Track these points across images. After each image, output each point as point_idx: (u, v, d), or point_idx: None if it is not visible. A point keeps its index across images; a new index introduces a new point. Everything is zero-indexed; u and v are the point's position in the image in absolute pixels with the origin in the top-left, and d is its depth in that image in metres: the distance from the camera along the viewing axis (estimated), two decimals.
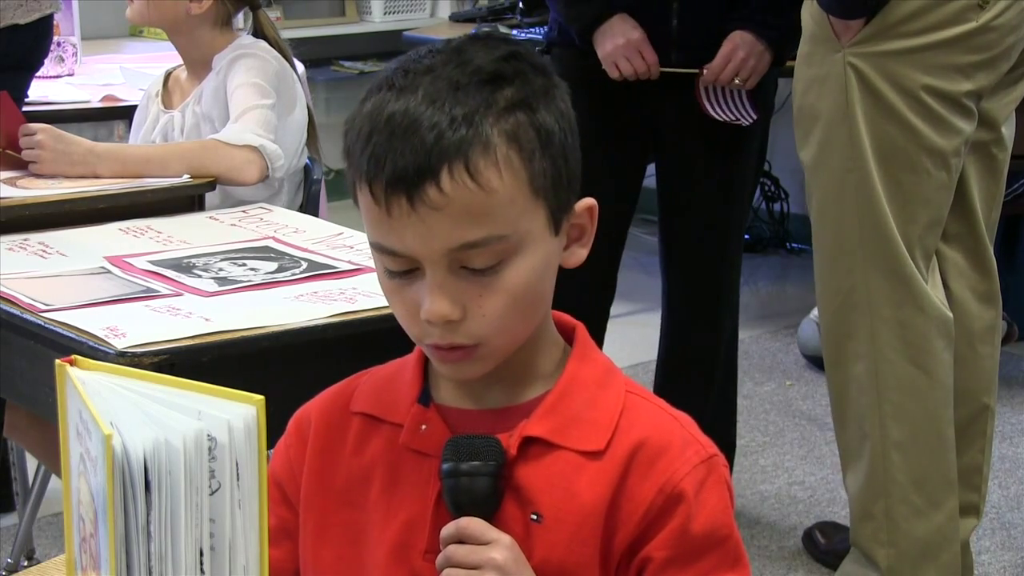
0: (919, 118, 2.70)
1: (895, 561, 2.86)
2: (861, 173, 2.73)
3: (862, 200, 2.75)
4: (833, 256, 2.83)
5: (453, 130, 1.23)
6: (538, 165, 1.26)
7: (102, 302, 2.15)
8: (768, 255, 5.68)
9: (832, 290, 2.85)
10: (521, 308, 1.28)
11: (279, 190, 2.91)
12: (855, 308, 2.81)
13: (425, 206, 1.22)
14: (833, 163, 2.77)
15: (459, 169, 1.22)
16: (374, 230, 1.27)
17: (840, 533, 3.30)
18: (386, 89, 1.27)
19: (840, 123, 2.73)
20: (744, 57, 3.11)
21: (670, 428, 1.33)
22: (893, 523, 2.85)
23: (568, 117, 1.31)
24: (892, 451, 2.83)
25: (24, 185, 2.70)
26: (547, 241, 1.29)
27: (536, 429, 1.31)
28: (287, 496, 1.39)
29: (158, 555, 1.00)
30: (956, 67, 2.68)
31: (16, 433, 2.90)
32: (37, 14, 3.27)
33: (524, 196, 1.26)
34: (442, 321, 1.26)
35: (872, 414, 2.83)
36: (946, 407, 2.86)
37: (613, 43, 3.13)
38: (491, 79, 1.26)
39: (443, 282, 1.25)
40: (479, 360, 1.29)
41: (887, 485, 2.84)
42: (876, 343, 2.80)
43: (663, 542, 1.28)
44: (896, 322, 2.79)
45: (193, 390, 1.03)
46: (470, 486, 1.28)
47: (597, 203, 1.35)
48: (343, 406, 1.39)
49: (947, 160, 2.74)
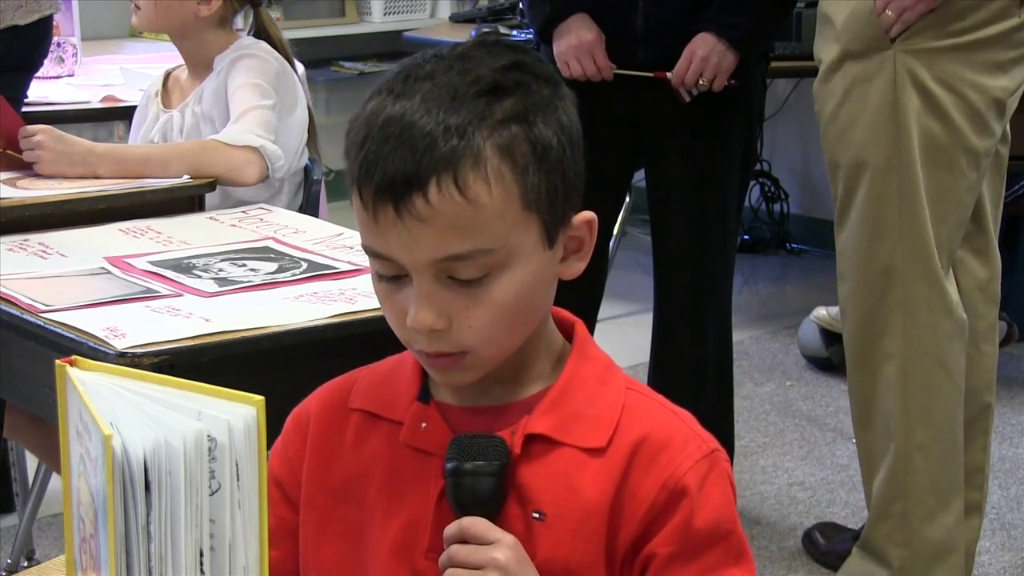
0: (963, 116, 2.72)
1: (907, 562, 2.88)
2: (906, 172, 2.74)
3: (904, 199, 2.75)
4: (868, 257, 2.83)
5: (445, 140, 1.22)
6: (531, 180, 1.25)
7: (102, 302, 2.15)
8: (768, 255, 5.68)
9: (865, 291, 2.85)
10: (509, 320, 1.28)
11: (279, 191, 2.91)
12: (891, 309, 2.81)
13: (411, 216, 1.22)
14: (876, 162, 2.76)
15: (447, 182, 1.22)
16: (364, 234, 1.27)
17: (840, 534, 3.31)
18: (386, 93, 1.27)
19: (886, 121, 2.73)
20: (704, 58, 3.11)
21: (671, 424, 1.33)
22: (909, 524, 2.87)
23: (569, 130, 1.29)
24: (915, 453, 2.84)
25: (24, 185, 2.70)
26: (539, 255, 1.28)
27: (539, 426, 1.31)
28: (287, 494, 1.39)
29: (158, 555, 1.00)
30: (997, 63, 2.71)
31: (16, 433, 2.90)
32: (37, 15, 3.27)
33: (514, 210, 1.25)
34: (427, 330, 1.26)
35: (898, 416, 2.85)
36: (960, 409, 2.88)
37: (567, 43, 3.15)
38: (490, 90, 1.25)
39: (429, 292, 1.25)
40: (468, 368, 1.29)
41: (907, 487, 2.86)
42: (909, 344, 2.81)
43: (667, 538, 1.28)
44: (929, 324, 2.80)
45: (193, 390, 1.03)
46: (473, 485, 1.27)
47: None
48: (341, 402, 1.39)
49: (979, 161, 2.77)
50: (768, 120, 5.57)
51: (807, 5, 4.56)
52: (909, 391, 2.83)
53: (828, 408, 4.18)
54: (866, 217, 2.81)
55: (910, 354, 2.81)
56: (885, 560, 2.90)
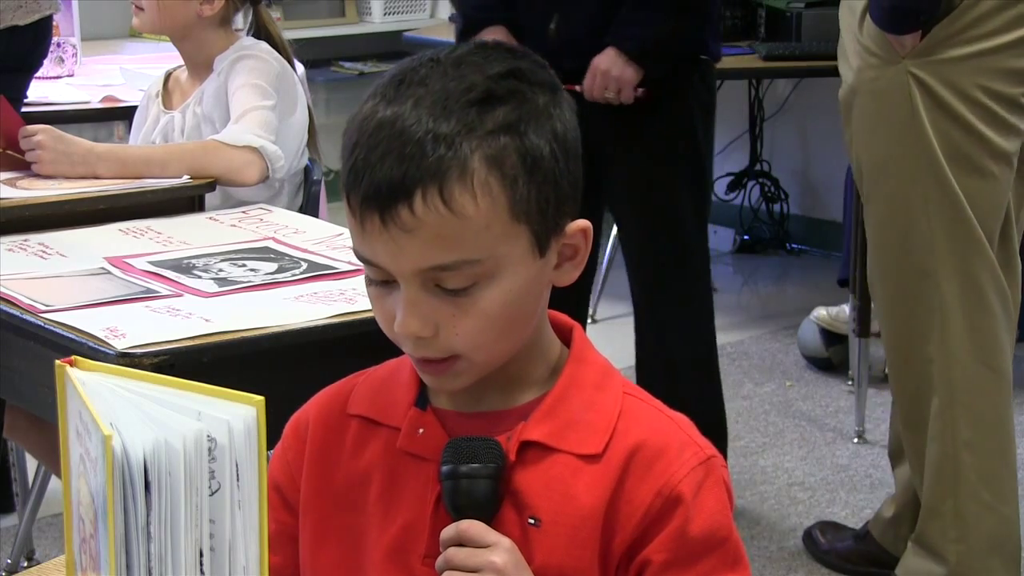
0: (981, 121, 2.75)
1: (964, 556, 2.90)
2: (936, 178, 2.76)
3: (936, 206, 2.78)
4: (901, 266, 2.85)
5: (432, 150, 1.21)
6: (521, 191, 1.24)
7: (102, 303, 2.15)
8: (768, 255, 5.68)
9: (901, 296, 2.87)
10: (498, 329, 1.27)
11: (279, 191, 2.91)
12: (930, 313, 2.84)
13: (396, 226, 1.22)
14: (901, 172, 2.80)
15: (432, 194, 1.21)
16: (353, 239, 1.28)
17: (840, 533, 3.31)
18: (379, 98, 1.26)
19: (907, 131, 2.77)
20: (606, 72, 3.15)
21: (667, 430, 1.32)
22: (963, 520, 2.89)
23: (564, 138, 1.28)
24: (962, 451, 2.87)
25: (24, 186, 2.70)
26: (529, 264, 1.27)
27: (534, 433, 1.30)
28: (287, 500, 1.39)
29: (158, 556, 1.00)
30: (1013, 71, 2.74)
31: (16, 434, 2.90)
32: (36, 15, 3.27)
33: (502, 221, 1.24)
34: (413, 337, 1.26)
35: (943, 417, 2.86)
36: (1010, 401, 2.91)
37: None
38: (482, 99, 1.24)
39: (415, 299, 1.25)
40: (459, 374, 1.29)
41: (956, 485, 2.88)
42: (949, 346, 2.84)
43: (662, 544, 1.28)
44: (966, 327, 2.83)
45: (193, 391, 1.03)
46: (469, 488, 1.27)
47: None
48: (340, 408, 1.38)
49: (1011, 160, 2.80)
50: (768, 120, 5.58)
51: (806, 5, 4.57)
52: (953, 391, 2.85)
53: (828, 408, 4.18)
54: (894, 225, 2.84)
55: (950, 357, 2.84)
56: (941, 556, 2.92)
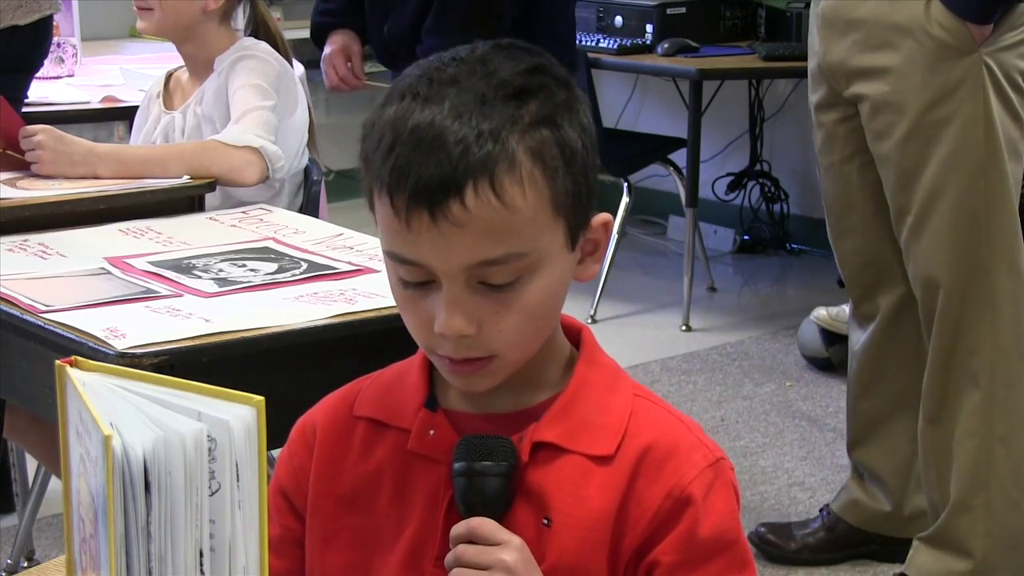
0: (1022, 107, 2.80)
1: (990, 552, 2.92)
2: (998, 171, 2.80)
3: (996, 198, 2.81)
4: (958, 259, 2.86)
5: (479, 145, 1.22)
6: (561, 183, 1.25)
7: (102, 303, 2.15)
8: (768, 256, 5.68)
9: (959, 289, 2.87)
10: (536, 323, 1.28)
11: (279, 191, 2.91)
12: (981, 304, 2.85)
13: (447, 222, 1.22)
14: (969, 165, 2.81)
15: (484, 186, 1.21)
16: (392, 241, 1.26)
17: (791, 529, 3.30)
18: (410, 98, 1.25)
19: (977, 124, 2.79)
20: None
21: (677, 432, 1.33)
22: (992, 515, 2.90)
23: (589, 132, 1.30)
24: (996, 445, 2.89)
25: (24, 186, 2.70)
26: (564, 257, 1.28)
27: (547, 434, 1.30)
28: (293, 505, 1.38)
29: (158, 556, 1.00)
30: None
31: (16, 434, 2.90)
32: (37, 15, 3.27)
33: (546, 214, 1.25)
34: (457, 336, 1.25)
35: (980, 409, 2.88)
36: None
37: (323, 53, 3.54)
38: (517, 93, 1.25)
39: (460, 297, 1.24)
40: (491, 373, 1.29)
41: (989, 479, 2.90)
42: (997, 339, 2.86)
43: (671, 546, 1.28)
44: (1012, 316, 2.86)
45: (193, 391, 1.03)
46: (482, 486, 1.27)
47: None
48: (347, 411, 1.38)
49: None
50: (768, 120, 5.58)
51: (806, 5, 4.57)
52: (993, 385, 2.87)
53: (828, 408, 4.18)
54: (958, 219, 2.84)
55: (997, 349, 2.86)
56: (966, 551, 2.93)
